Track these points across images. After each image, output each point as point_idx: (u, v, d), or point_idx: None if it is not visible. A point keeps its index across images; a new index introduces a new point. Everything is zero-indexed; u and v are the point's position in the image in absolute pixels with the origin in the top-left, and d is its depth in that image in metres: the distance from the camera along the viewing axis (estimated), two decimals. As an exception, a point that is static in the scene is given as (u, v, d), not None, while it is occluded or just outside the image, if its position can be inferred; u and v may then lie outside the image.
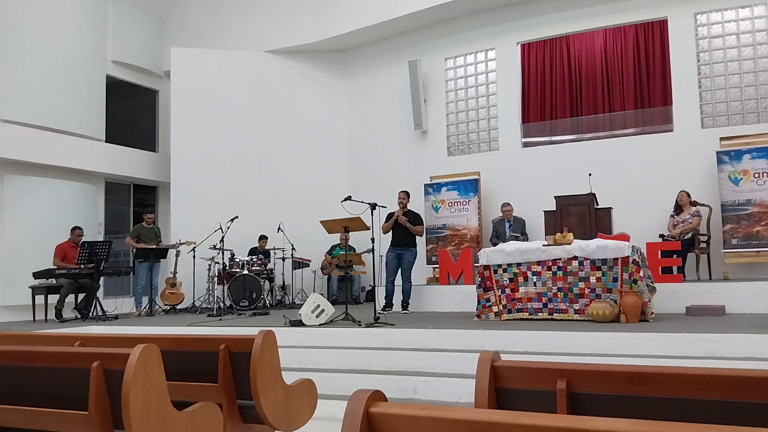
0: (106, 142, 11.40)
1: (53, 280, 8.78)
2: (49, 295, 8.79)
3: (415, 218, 8.22)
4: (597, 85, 10.14)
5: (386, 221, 8.22)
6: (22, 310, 9.44)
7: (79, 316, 8.70)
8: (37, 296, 8.80)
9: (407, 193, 8.37)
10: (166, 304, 9.85)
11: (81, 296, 8.98)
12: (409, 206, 8.41)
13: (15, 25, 9.91)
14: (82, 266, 8.55)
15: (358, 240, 10.27)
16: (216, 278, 9.81)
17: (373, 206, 7.12)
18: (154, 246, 9.63)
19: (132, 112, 12.72)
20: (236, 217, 9.55)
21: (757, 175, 8.09)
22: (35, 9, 10.21)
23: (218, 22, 12.55)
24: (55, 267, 8.77)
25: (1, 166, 9.80)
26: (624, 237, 7.48)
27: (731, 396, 1.60)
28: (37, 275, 8.54)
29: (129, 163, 11.79)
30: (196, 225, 10.33)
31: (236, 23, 12.40)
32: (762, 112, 8.84)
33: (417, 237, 8.35)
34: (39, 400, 2.53)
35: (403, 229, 8.10)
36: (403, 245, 8.18)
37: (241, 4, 12.39)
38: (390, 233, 8.33)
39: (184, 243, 9.79)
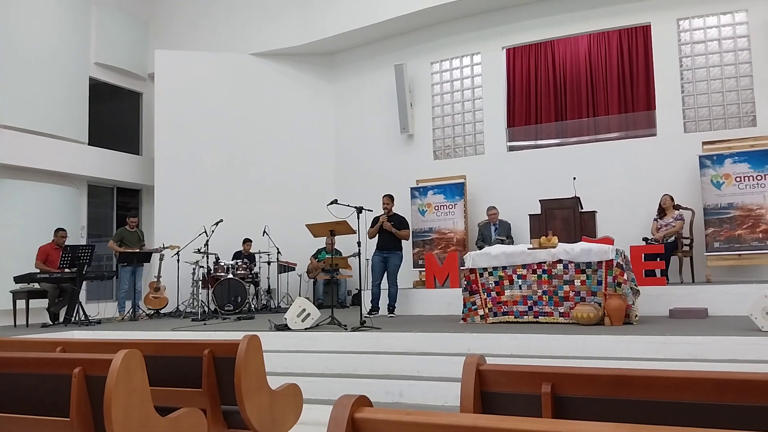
0: (89, 144, 11.30)
1: (35, 284, 8.67)
2: (30, 300, 8.67)
3: (400, 222, 8.18)
4: (581, 89, 10.21)
5: (371, 226, 8.20)
6: (2, 315, 9.31)
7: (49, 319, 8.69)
8: (18, 301, 8.68)
9: (391, 198, 8.29)
10: (150, 309, 9.76)
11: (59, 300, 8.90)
12: (395, 210, 8.39)
13: (-4, 27, 9.81)
14: (65, 270, 8.46)
15: (344, 243, 10.27)
16: (200, 282, 9.75)
17: (360, 210, 7.11)
18: (137, 250, 9.55)
19: (115, 115, 12.62)
20: (221, 220, 9.50)
21: (738, 179, 8.19)
22: (16, 10, 10.10)
23: (203, 25, 12.49)
24: (37, 271, 8.66)
25: (-18, 169, 9.69)
26: (608, 240, 7.53)
27: (714, 398, 1.61)
28: (18, 279, 8.43)
29: (112, 166, 11.69)
30: (180, 228, 10.24)
31: (221, 25, 12.34)
32: (744, 117, 8.96)
33: (403, 240, 8.33)
34: (20, 406, 2.49)
35: (389, 232, 8.08)
36: (389, 249, 8.15)
37: (225, 7, 12.34)
38: (376, 237, 8.31)
39: (167, 247, 9.71)
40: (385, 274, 8.21)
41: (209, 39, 12.36)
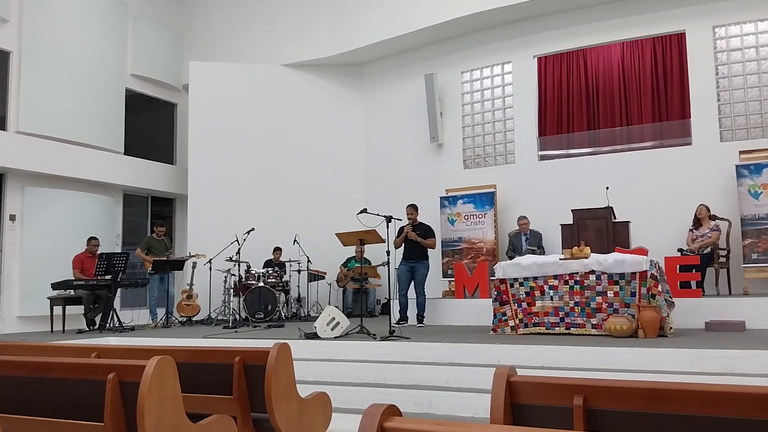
0: (124, 154, 11.54)
1: (71, 291, 8.86)
2: (66, 306, 8.86)
3: (426, 231, 8.14)
4: (614, 98, 10.08)
5: (397, 236, 8.19)
6: (39, 320, 9.53)
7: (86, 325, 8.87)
8: (55, 307, 8.87)
9: (415, 207, 8.23)
10: (183, 316, 9.89)
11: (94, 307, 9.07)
12: (423, 220, 8.35)
13: (37, 39, 10.10)
14: (99, 277, 8.62)
15: (373, 253, 10.28)
16: (232, 290, 9.84)
17: (389, 219, 7.12)
18: (165, 258, 9.67)
19: (150, 125, 12.87)
20: (252, 229, 9.60)
21: (777, 189, 7.99)
22: (56, 23, 10.39)
23: (236, 36, 12.69)
24: (74, 278, 8.86)
25: (22, 177, 9.96)
26: (642, 251, 7.39)
27: (752, 414, 1.57)
28: (55, 286, 8.63)
29: (147, 175, 11.92)
30: (212, 237, 10.39)
31: (254, 37, 12.53)
32: (782, 125, 8.75)
33: (429, 249, 8.28)
34: (55, 410, 2.55)
35: (415, 242, 8.06)
36: (415, 258, 8.12)
37: (258, 19, 12.52)
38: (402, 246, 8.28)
39: (194, 255, 9.84)
40: (413, 283, 8.18)
41: (242, 50, 12.55)
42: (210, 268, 9.83)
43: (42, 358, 2.62)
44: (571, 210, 8.56)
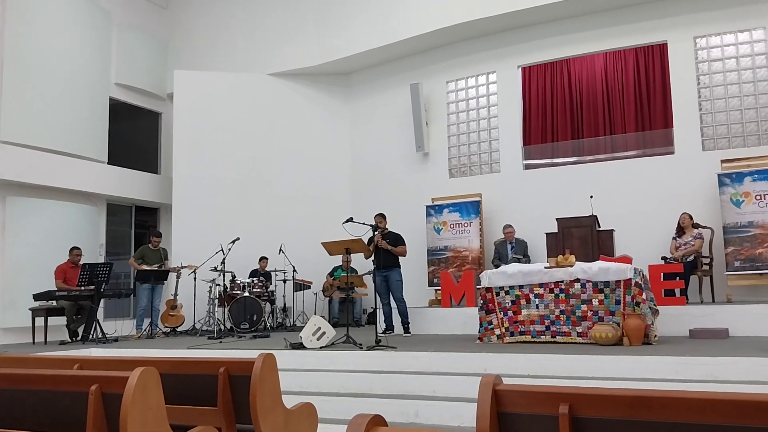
0: (108, 164, 11.45)
1: (53, 302, 8.75)
2: (49, 317, 8.74)
3: (396, 239, 8.15)
4: (598, 107, 10.18)
5: (367, 245, 8.17)
6: (21, 332, 9.40)
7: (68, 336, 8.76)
8: (36, 318, 8.76)
9: (383, 216, 8.25)
10: (167, 327, 9.80)
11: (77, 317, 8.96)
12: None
13: (19, 48, 10.01)
14: (82, 288, 8.53)
15: (359, 262, 10.26)
16: (217, 300, 9.77)
17: (375, 228, 7.13)
18: (156, 268, 9.59)
19: (135, 134, 12.79)
20: (237, 238, 9.55)
21: (758, 197, 8.10)
22: (39, 31, 10.32)
23: (221, 45, 12.67)
24: (56, 289, 8.75)
25: (4, 187, 9.84)
26: (626, 259, 7.46)
27: (735, 420, 1.58)
28: (37, 297, 8.52)
29: (131, 184, 11.83)
30: (197, 246, 10.32)
31: (239, 46, 12.51)
32: (763, 134, 8.87)
33: (402, 257, 8.26)
34: (37, 423, 2.51)
35: (386, 251, 8.05)
36: (387, 267, 8.08)
37: (244, 28, 12.52)
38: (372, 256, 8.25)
39: (185, 267, 9.76)
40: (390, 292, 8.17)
41: (227, 59, 12.53)
42: (195, 278, 9.75)
43: (23, 370, 2.58)
44: (556, 219, 8.62)
